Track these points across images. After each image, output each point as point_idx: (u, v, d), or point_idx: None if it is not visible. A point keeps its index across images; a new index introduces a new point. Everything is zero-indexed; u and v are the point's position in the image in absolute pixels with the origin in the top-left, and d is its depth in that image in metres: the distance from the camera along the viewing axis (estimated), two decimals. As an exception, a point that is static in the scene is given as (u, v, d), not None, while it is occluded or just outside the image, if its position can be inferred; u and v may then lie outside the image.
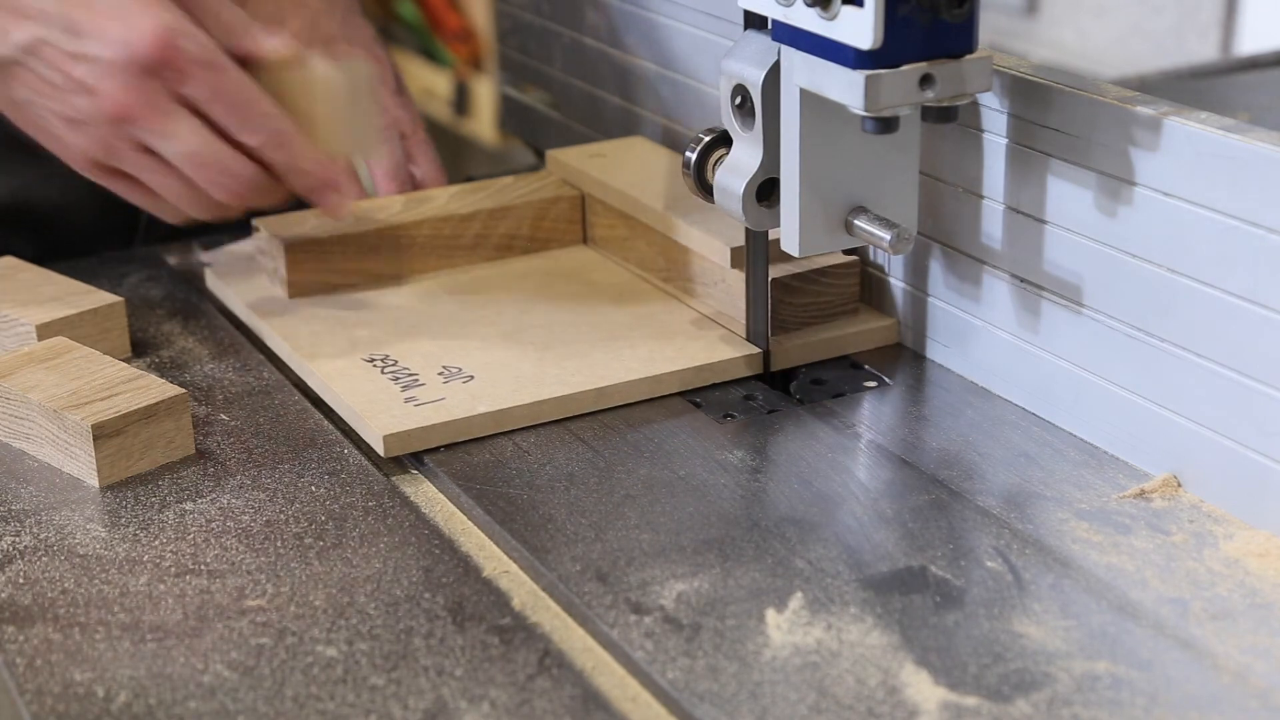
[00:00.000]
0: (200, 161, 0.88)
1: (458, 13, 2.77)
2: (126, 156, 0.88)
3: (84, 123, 0.87)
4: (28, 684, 0.67)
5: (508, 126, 1.35)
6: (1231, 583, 0.71)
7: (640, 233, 1.02)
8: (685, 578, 0.73)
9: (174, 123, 0.87)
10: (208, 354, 0.96)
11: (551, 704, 0.65)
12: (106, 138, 0.88)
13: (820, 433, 0.85)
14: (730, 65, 0.85)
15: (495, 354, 0.92)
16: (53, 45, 0.86)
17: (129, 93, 0.86)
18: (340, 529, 0.78)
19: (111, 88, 0.86)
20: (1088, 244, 0.81)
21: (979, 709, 0.64)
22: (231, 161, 0.88)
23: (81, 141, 0.88)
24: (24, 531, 0.78)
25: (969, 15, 0.76)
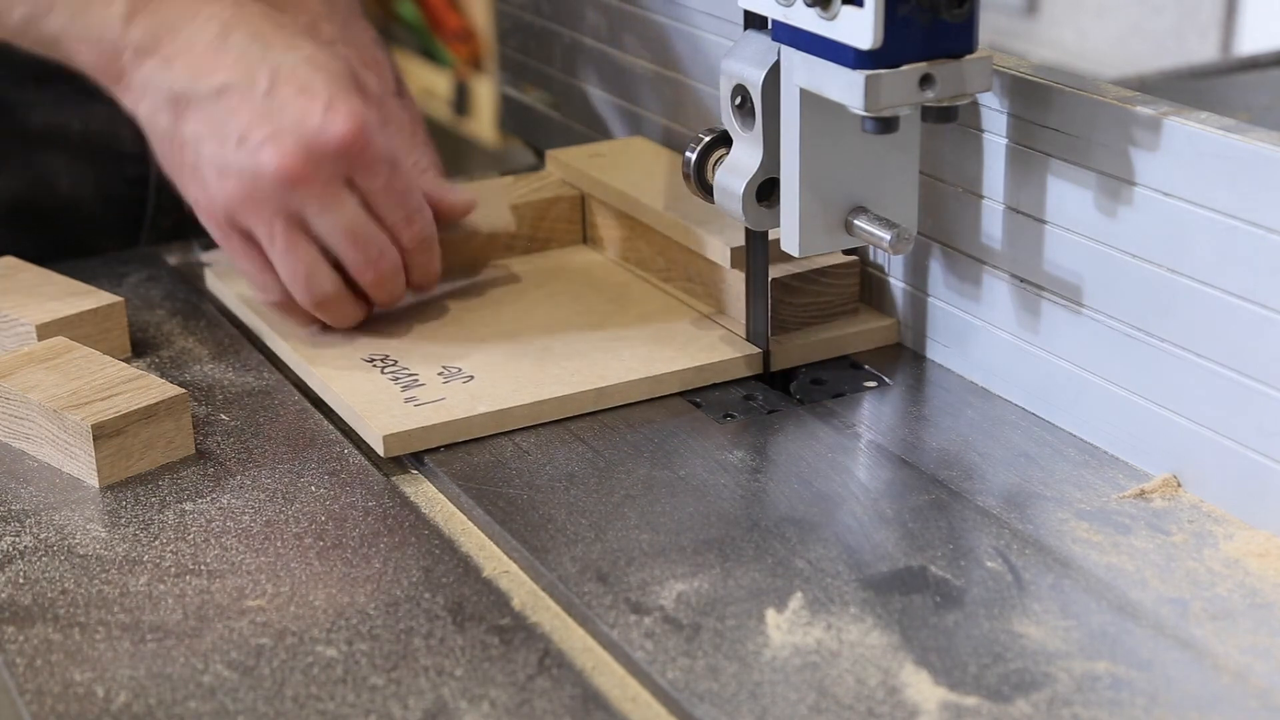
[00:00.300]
0: (357, 236, 0.90)
1: (458, 13, 2.77)
2: (266, 220, 0.89)
3: (238, 175, 0.88)
4: (28, 684, 0.67)
5: (508, 126, 1.35)
6: (1231, 583, 0.71)
7: (640, 233, 1.02)
8: (685, 578, 0.73)
9: (340, 198, 0.89)
10: (208, 354, 0.96)
11: (551, 704, 0.66)
12: (257, 196, 0.88)
13: (820, 433, 0.85)
14: (730, 65, 0.85)
15: (495, 354, 0.92)
16: (243, 97, 0.87)
17: (304, 162, 0.87)
18: (340, 529, 0.78)
19: (289, 151, 0.87)
20: (1088, 244, 0.81)
21: (979, 709, 0.64)
22: (385, 243, 0.91)
23: (226, 191, 0.88)
24: (24, 531, 0.78)
25: (969, 15, 0.76)
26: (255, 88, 0.88)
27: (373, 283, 0.92)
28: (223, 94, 0.88)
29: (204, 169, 0.89)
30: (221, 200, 0.89)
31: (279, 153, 0.87)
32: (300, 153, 0.87)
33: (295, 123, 0.87)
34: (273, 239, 0.89)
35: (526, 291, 1.00)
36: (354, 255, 0.90)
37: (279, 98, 0.87)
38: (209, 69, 0.88)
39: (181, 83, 0.89)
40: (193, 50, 0.89)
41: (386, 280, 0.92)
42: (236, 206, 0.89)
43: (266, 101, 0.87)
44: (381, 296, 0.94)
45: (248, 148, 0.87)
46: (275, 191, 0.87)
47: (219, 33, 0.89)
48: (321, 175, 0.87)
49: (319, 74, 0.89)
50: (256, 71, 0.88)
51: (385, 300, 0.94)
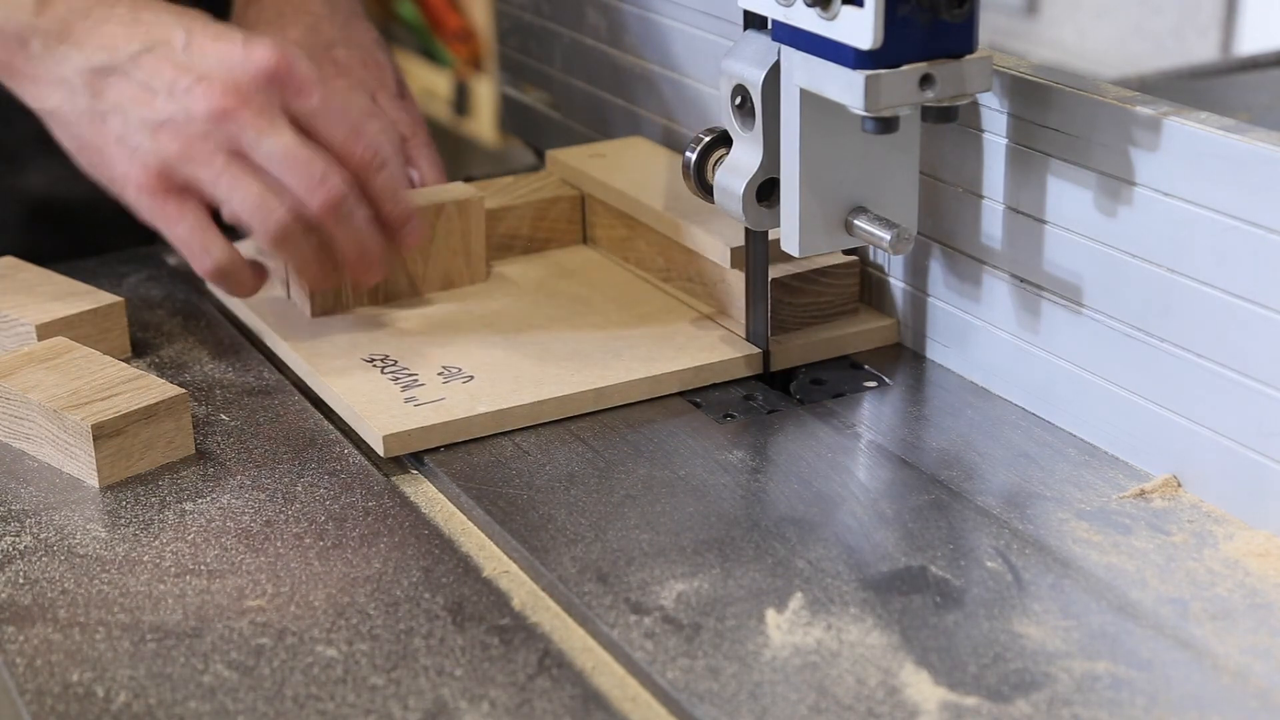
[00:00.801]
0: (296, 159, 0.87)
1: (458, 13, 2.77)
2: (206, 160, 0.87)
3: (170, 123, 0.87)
4: (28, 684, 0.67)
5: (508, 126, 1.35)
6: (1231, 583, 0.71)
7: (640, 233, 1.02)
8: (685, 578, 0.73)
9: (275, 122, 0.87)
10: (208, 354, 0.96)
11: (551, 704, 0.66)
12: (192, 137, 0.87)
13: (820, 433, 0.85)
14: (730, 65, 0.85)
15: (495, 354, 0.92)
16: (161, 55, 0.88)
17: (236, 92, 0.87)
18: (340, 529, 0.78)
19: (218, 87, 0.86)
20: (1088, 244, 0.81)
21: (979, 709, 0.64)
22: (326, 166, 0.88)
23: (163, 145, 0.87)
24: (24, 531, 0.78)
25: (969, 15, 0.76)
26: (173, 44, 0.88)
27: (324, 206, 0.88)
28: (142, 55, 0.88)
29: (132, 133, 0.88)
30: (156, 157, 0.88)
31: (208, 90, 0.87)
32: (229, 85, 0.87)
33: (218, 62, 0.87)
34: (218, 176, 0.87)
35: (526, 291, 1.00)
36: (297, 178, 0.87)
37: (197, 48, 0.88)
38: (124, 39, 0.89)
39: (98, 57, 0.89)
40: (105, 28, 0.89)
41: (338, 207, 0.88)
42: (174, 157, 0.88)
43: (186, 54, 0.88)
44: (341, 233, 0.89)
45: (176, 95, 0.87)
46: (211, 128, 0.87)
47: (129, 9, 0.90)
48: (253, 104, 0.87)
49: (231, 29, 0.89)
50: (171, 33, 0.88)
51: (348, 242, 0.90)
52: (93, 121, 0.90)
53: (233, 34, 0.89)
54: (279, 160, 0.87)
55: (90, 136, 0.90)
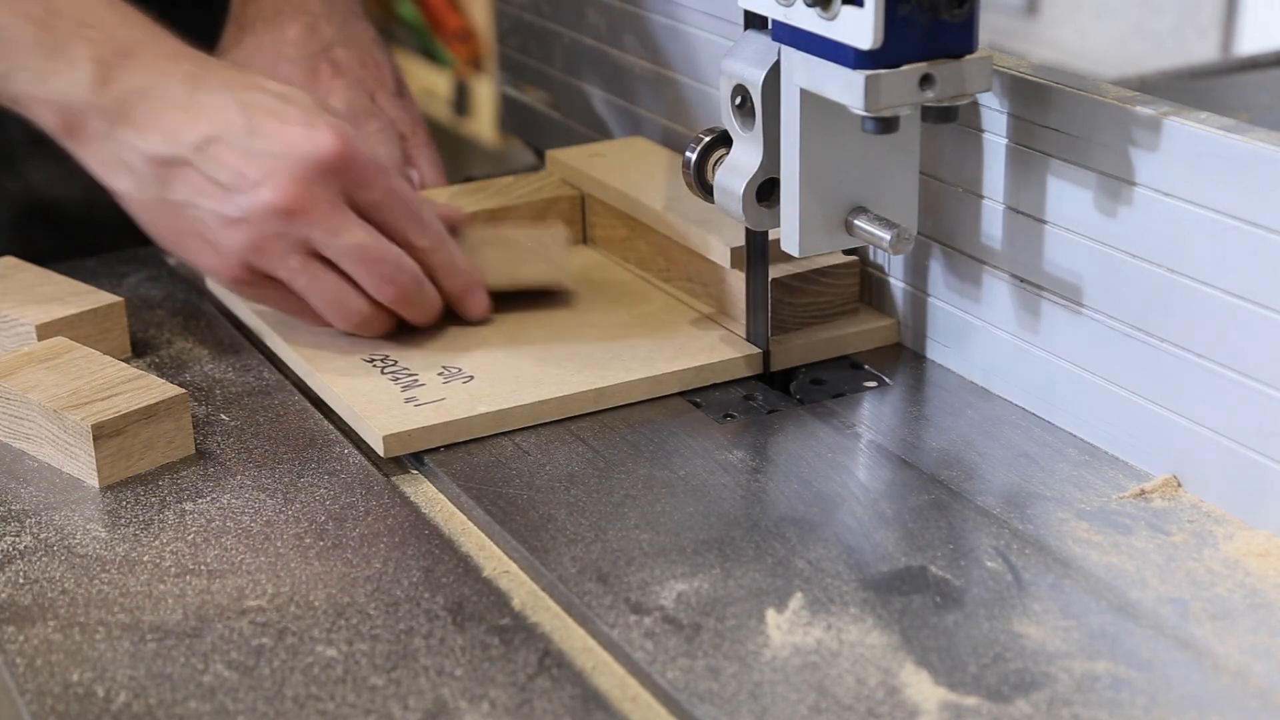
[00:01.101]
0: (367, 256, 0.89)
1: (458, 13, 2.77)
2: (282, 258, 0.89)
3: (244, 221, 0.88)
4: (28, 684, 0.67)
5: (508, 126, 1.35)
6: (1231, 583, 0.71)
7: (640, 233, 1.02)
8: (685, 578, 0.73)
9: (345, 220, 0.89)
10: (208, 354, 0.96)
11: (551, 704, 0.66)
12: (266, 236, 0.88)
13: (820, 433, 0.85)
14: (730, 65, 0.85)
15: (495, 354, 0.92)
16: (226, 144, 0.88)
17: (303, 189, 0.87)
18: (340, 529, 0.78)
19: (285, 182, 0.87)
20: (1088, 244, 0.81)
21: (979, 709, 0.64)
22: (398, 257, 0.90)
23: (237, 241, 0.88)
24: (24, 531, 0.78)
25: (969, 15, 0.76)
26: (234, 131, 0.88)
27: (396, 299, 0.91)
28: (206, 147, 0.88)
29: (209, 227, 0.89)
30: (236, 251, 0.89)
31: (275, 186, 0.87)
32: (295, 180, 0.87)
33: (283, 152, 0.87)
34: (294, 276, 0.90)
35: (526, 291, 1.00)
36: (369, 276, 0.90)
37: (260, 134, 0.88)
38: (185, 126, 0.88)
39: (163, 148, 0.89)
40: (165, 114, 0.89)
41: (411, 295, 0.91)
42: (251, 252, 0.89)
43: (248, 141, 0.88)
44: (413, 314, 0.93)
45: (245, 190, 0.87)
46: (282, 226, 0.88)
47: (186, 89, 0.89)
48: (322, 199, 0.88)
49: (290, 104, 0.89)
50: (230, 116, 0.88)
51: (420, 317, 0.93)
52: (166, 212, 0.90)
53: (292, 112, 0.89)
54: (351, 259, 0.89)
55: (168, 225, 0.91)
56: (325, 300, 0.90)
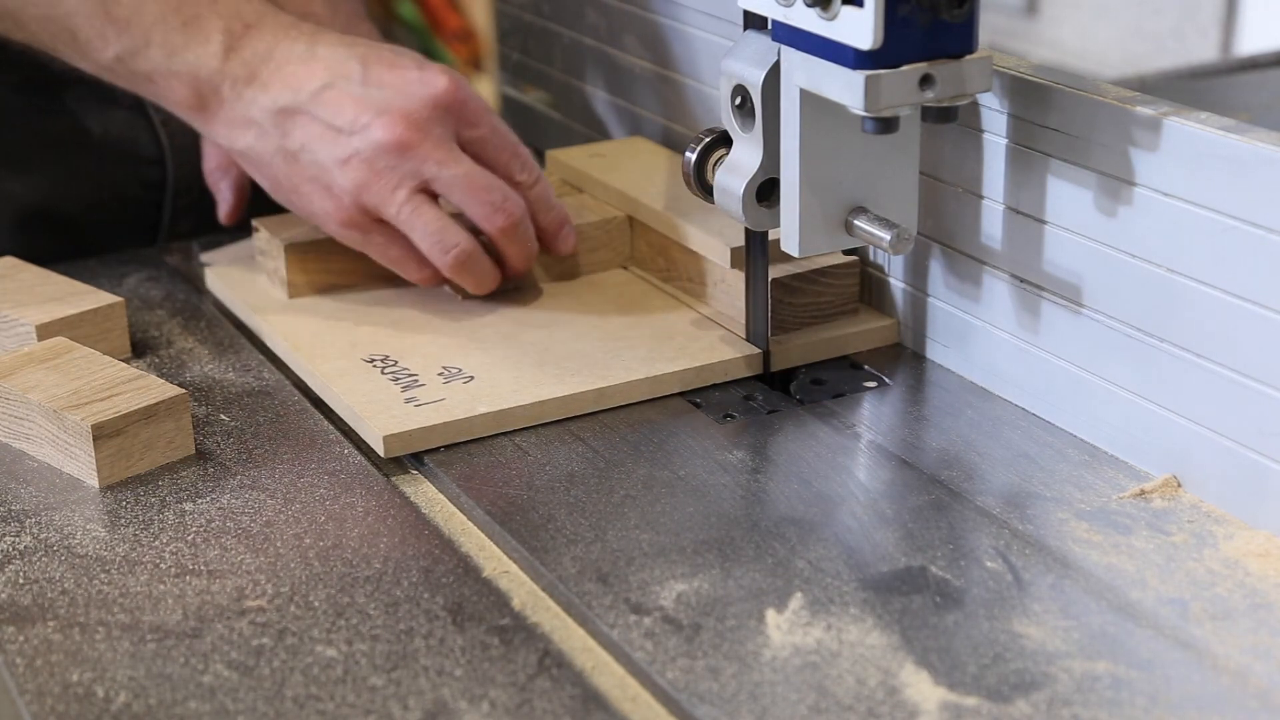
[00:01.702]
0: (476, 184, 0.93)
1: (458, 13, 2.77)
2: (391, 193, 0.92)
3: (356, 158, 0.92)
4: (28, 684, 0.67)
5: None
6: (1231, 583, 0.71)
7: (640, 233, 1.02)
8: (685, 578, 0.73)
9: (453, 153, 0.93)
10: (208, 354, 0.96)
11: (551, 704, 0.66)
12: (377, 171, 0.92)
13: (820, 433, 0.85)
14: (730, 65, 0.85)
15: (495, 354, 0.92)
16: (341, 90, 0.93)
17: (412, 125, 0.92)
18: (340, 529, 0.78)
19: (397, 119, 0.92)
20: (1088, 244, 0.81)
21: (979, 709, 0.64)
22: (506, 190, 0.94)
23: (349, 179, 0.92)
24: (24, 531, 0.78)
25: (969, 15, 0.76)
26: (351, 79, 0.93)
27: (503, 230, 0.94)
28: (323, 93, 0.93)
29: (325, 169, 0.93)
30: (350, 191, 0.93)
31: (388, 124, 0.91)
32: (407, 118, 0.92)
33: (395, 93, 0.92)
34: (400, 209, 0.93)
35: (526, 291, 1.00)
36: (479, 204, 0.93)
37: (374, 79, 0.93)
38: (305, 77, 0.93)
39: (284, 98, 0.93)
40: (286, 67, 0.93)
41: (517, 227, 0.95)
42: (363, 191, 0.93)
43: (363, 88, 0.93)
44: (513, 249, 0.96)
45: (359, 130, 0.92)
46: (394, 161, 0.92)
47: (306, 46, 0.94)
48: (432, 135, 0.92)
49: (403, 55, 0.95)
50: (347, 66, 0.93)
51: (518, 255, 0.96)
52: (286, 161, 0.94)
53: (405, 60, 0.94)
54: (461, 188, 0.93)
55: (285, 175, 0.95)
56: (427, 232, 0.93)
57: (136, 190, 1.16)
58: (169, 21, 0.94)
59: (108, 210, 1.16)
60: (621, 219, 1.02)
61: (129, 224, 1.17)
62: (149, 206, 1.17)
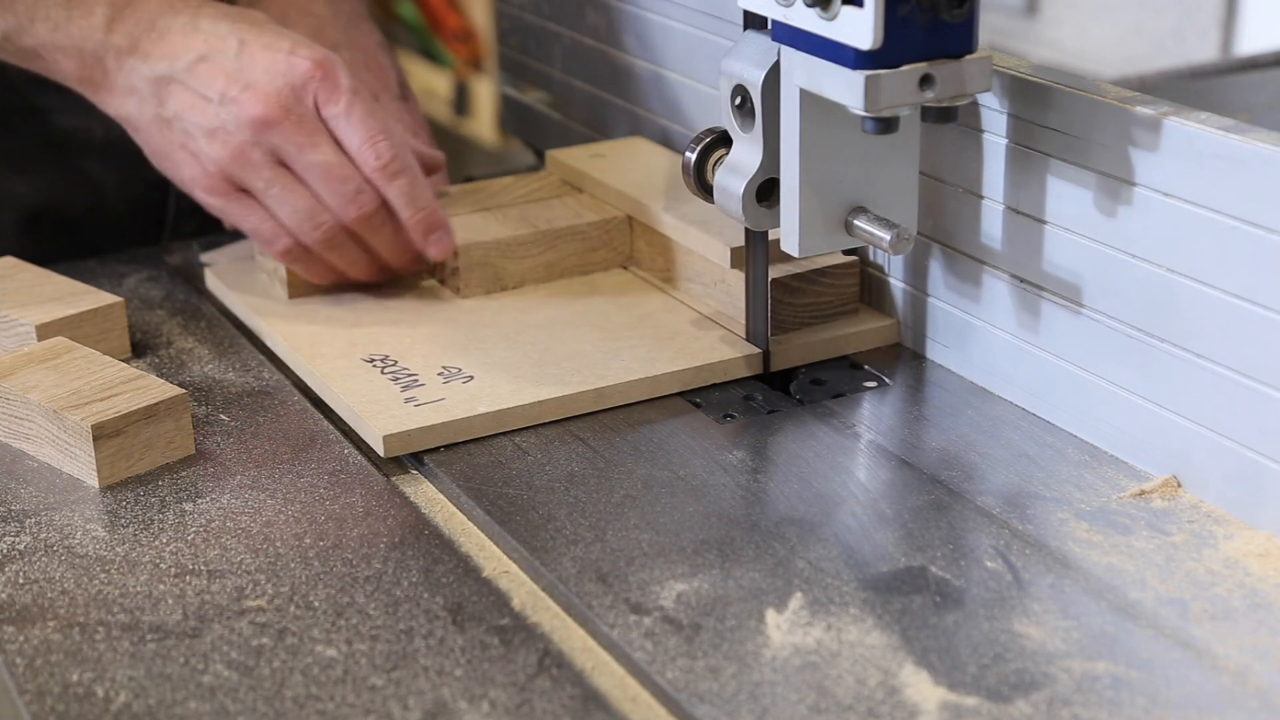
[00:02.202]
0: (331, 174, 0.93)
1: (458, 13, 2.77)
2: (256, 169, 0.93)
3: (222, 130, 0.93)
4: (28, 684, 0.67)
5: (508, 126, 1.35)
6: (1231, 583, 0.71)
7: (640, 233, 1.02)
8: (685, 578, 0.73)
9: (313, 135, 0.93)
10: (208, 354, 0.96)
11: (551, 704, 0.66)
12: (243, 144, 0.93)
13: (820, 433, 0.85)
14: (730, 65, 0.85)
15: (495, 354, 0.92)
16: (215, 63, 0.94)
17: (276, 101, 0.92)
18: (340, 529, 0.78)
19: (260, 96, 0.92)
20: (1088, 244, 0.81)
21: (979, 709, 0.64)
22: (359, 181, 0.94)
23: (216, 151, 0.93)
24: (24, 531, 0.78)
25: (969, 15, 0.76)
26: (226, 53, 0.94)
27: (357, 221, 0.94)
28: (198, 64, 0.94)
29: (193, 137, 0.94)
30: (215, 161, 0.94)
31: (254, 99, 0.92)
32: (270, 95, 0.92)
33: (264, 70, 0.93)
34: (268, 185, 0.93)
35: (526, 292, 1.00)
36: (331, 193, 0.93)
37: (248, 55, 0.93)
38: (183, 48, 0.94)
39: (161, 67, 0.94)
40: (168, 38, 0.94)
41: (371, 219, 0.94)
42: (229, 162, 0.93)
43: (237, 61, 0.93)
44: (377, 239, 0.95)
45: (227, 103, 0.93)
46: (258, 136, 0.93)
47: (190, 18, 0.95)
48: (294, 114, 0.92)
49: (283, 37, 0.95)
50: (226, 40, 0.94)
51: (385, 245, 0.96)
52: (160, 128, 0.96)
53: (281, 41, 0.94)
54: (317, 174, 0.93)
55: (160, 142, 0.96)
56: (295, 209, 0.94)
57: (139, 190, 1.16)
58: None
59: (110, 211, 1.16)
60: (621, 219, 1.02)
61: (132, 224, 1.17)
62: (152, 207, 1.17)
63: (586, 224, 1.01)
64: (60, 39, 0.95)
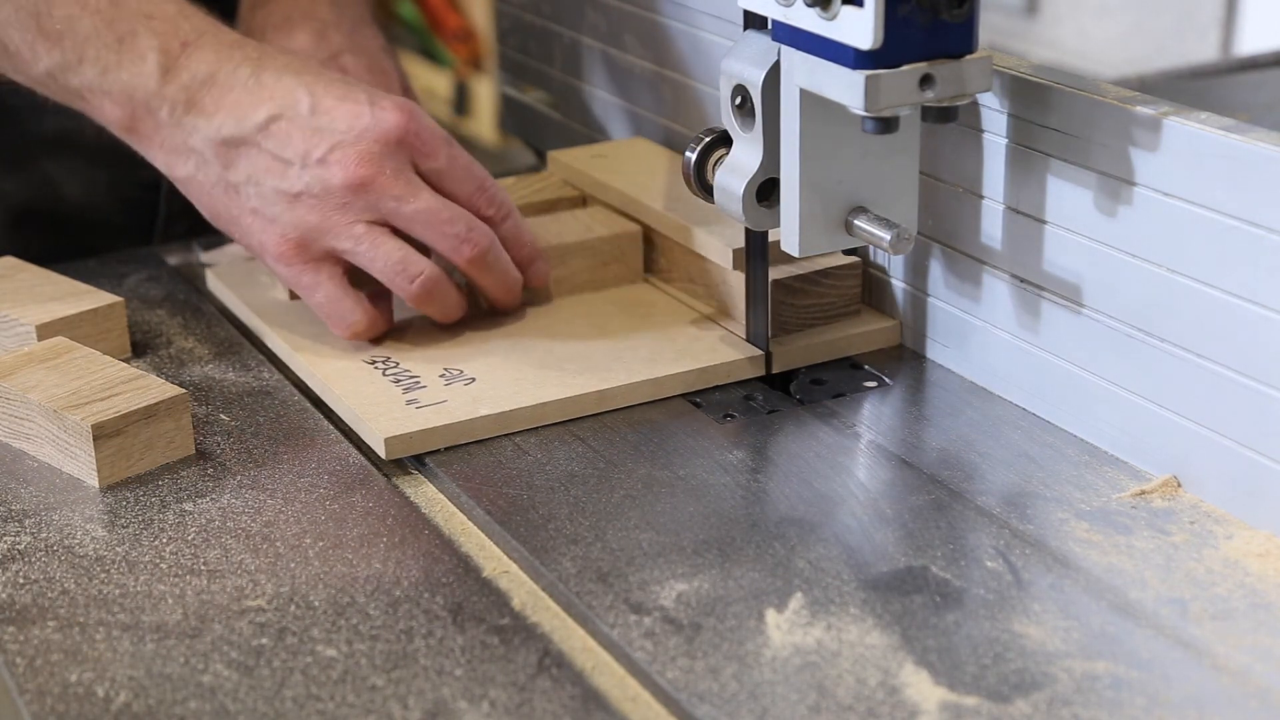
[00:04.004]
0: (439, 218, 0.90)
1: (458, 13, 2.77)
2: (345, 230, 0.89)
3: (306, 195, 0.89)
4: (28, 684, 0.67)
5: (508, 126, 1.35)
6: (1231, 583, 0.71)
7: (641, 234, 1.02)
8: (685, 578, 0.73)
9: (413, 187, 0.90)
10: (208, 354, 0.96)
11: (551, 704, 0.66)
12: (330, 209, 0.89)
13: (820, 433, 0.85)
14: (730, 65, 0.85)
15: (496, 356, 0.92)
16: (290, 121, 0.89)
17: (372, 161, 0.88)
18: (340, 529, 0.78)
19: (354, 157, 0.88)
20: (1088, 244, 0.81)
21: (979, 709, 0.64)
22: (472, 220, 0.91)
23: (300, 216, 0.89)
24: (24, 531, 0.78)
25: (969, 15, 0.76)
26: (299, 111, 0.89)
27: (471, 261, 0.91)
28: (270, 126, 0.89)
29: (268, 204, 0.90)
30: (295, 229, 0.89)
31: (344, 161, 0.88)
32: (363, 155, 0.88)
33: (348, 128, 0.89)
34: (358, 242, 0.89)
35: (527, 292, 1.00)
36: (443, 237, 0.90)
37: (324, 112, 0.89)
38: (250, 107, 0.89)
39: (228, 128, 0.90)
40: (230, 95, 0.90)
41: (487, 257, 0.91)
42: (313, 228, 0.89)
43: (313, 119, 0.89)
44: (487, 279, 0.93)
45: (311, 167, 0.88)
46: (350, 199, 0.88)
47: (252, 73, 0.90)
48: (389, 170, 0.89)
49: (352, 86, 0.91)
50: (296, 96, 0.89)
51: (495, 285, 0.93)
52: (226, 192, 0.91)
53: (356, 93, 0.90)
54: (423, 223, 0.90)
55: (225, 206, 0.92)
56: (389, 260, 0.89)
57: (131, 190, 1.16)
58: (103, 37, 0.90)
59: (102, 210, 1.15)
60: (634, 233, 1.00)
61: (124, 224, 1.16)
62: (144, 206, 1.17)
63: (596, 239, 1.00)
64: (109, 83, 0.91)
